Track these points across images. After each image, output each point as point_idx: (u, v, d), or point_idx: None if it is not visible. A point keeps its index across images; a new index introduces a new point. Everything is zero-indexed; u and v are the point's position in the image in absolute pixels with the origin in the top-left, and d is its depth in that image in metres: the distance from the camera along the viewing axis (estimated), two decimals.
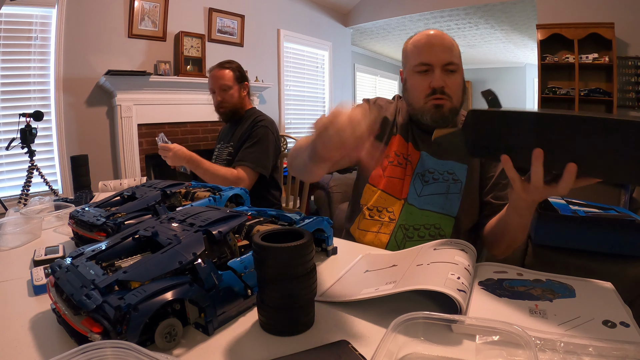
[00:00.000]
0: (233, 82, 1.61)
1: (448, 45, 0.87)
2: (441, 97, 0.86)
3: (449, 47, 0.87)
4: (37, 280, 0.61)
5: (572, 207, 1.64)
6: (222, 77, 1.60)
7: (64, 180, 2.60)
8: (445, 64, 0.86)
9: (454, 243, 0.67)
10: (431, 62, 0.86)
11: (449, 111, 0.88)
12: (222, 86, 1.59)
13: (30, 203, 1.21)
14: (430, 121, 0.88)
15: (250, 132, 1.54)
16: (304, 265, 0.47)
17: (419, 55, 0.87)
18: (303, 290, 0.47)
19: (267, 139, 1.53)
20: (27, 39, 2.44)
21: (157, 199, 0.84)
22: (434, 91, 0.86)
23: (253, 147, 1.51)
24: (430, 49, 0.86)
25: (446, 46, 0.86)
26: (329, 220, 0.75)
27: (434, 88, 0.86)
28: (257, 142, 1.51)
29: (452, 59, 0.86)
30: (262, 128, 1.53)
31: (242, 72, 1.66)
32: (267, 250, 0.45)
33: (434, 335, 0.44)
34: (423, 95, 0.88)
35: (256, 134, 1.52)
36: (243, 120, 1.63)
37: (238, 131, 1.60)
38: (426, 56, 0.86)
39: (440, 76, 0.85)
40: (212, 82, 1.62)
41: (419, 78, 0.88)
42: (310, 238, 0.47)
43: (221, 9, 3.47)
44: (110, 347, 0.36)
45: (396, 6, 4.61)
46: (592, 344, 0.41)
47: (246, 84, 1.67)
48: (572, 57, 3.39)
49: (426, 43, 0.88)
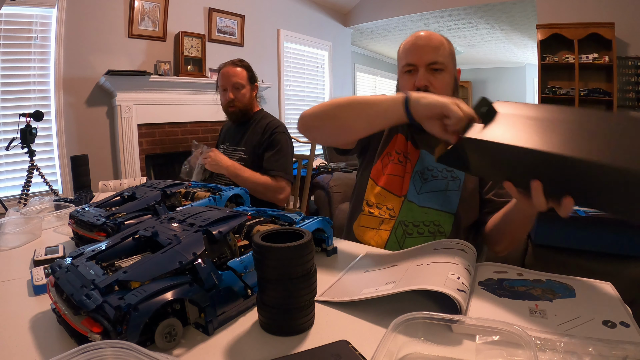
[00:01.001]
0: (246, 81, 1.58)
1: (435, 45, 0.89)
2: None
3: (436, 46, 0.89)
4: (37, 280, 0.61)
5: None
6: (236, 75, 1.56)
7: (64, 180, 2.60)
8: (429, 63, 0.88)
9: (454, 243, 0.67)
10: (415, 62, 0.89)
11: None
12: (235, 84, 1.56)
13: (30, 203, 1.21)
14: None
15: (270, 140, 1.50)
16: (304, 265, 0.47)
17: (406, 57, 0.91)
18: (303, 290, 0.47)
19: (287, 145, 1.52)
20: (27, 39, 2.44)
21: (157, 199, 0.84)
22: (417, 90, 0.88)
23: (278, 155, 1.48)
24: (416, 49, 0.90)
25: (433, 46, 0.89)
26: (329, 220, 0.75)
27: (417, 87, 0.88)
28: (280, 150, 1.49)
29: (437, 59, 0.89)
30: (281, 134, 1.51)
31: (253, 73, 1.64)
32: (267, 250, 0.45)
33: (434, 335, 0.44)
34: None
35: (277, 141, 1.50)
36: (252, 122, 1.59)
37: (250, 135, 1.56)
38: (411, 57, 0.90)
39: (424, 75, 0.88)
40: (224, 80, 1.57)
41: (406, 78, 0.92)
42: (310, 238, 0.47)
43: (221, 9, 3.47)
44: (110, 347, 0.36)
45: (396, 6, 4.61)
46: (592, 344, 0.41)
47: (256, 85, 1.65)
48: (572, 57, 3.39)
49: (412, 44, 0.91)
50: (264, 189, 1.42)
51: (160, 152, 3.03)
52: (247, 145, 1.54)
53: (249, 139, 1.55)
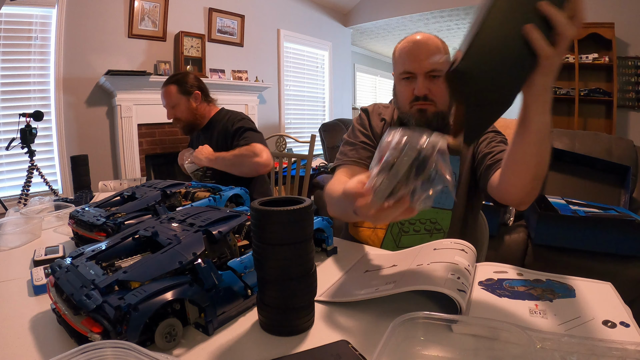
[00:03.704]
0: (178, 97, 1.58)
1: (433, 51, 0.88)
2: (424, 103, 0.88)
3: (434, 52, 0.88)
4: (37, 280, 0.61)
5: (572, 207, 1.64)
6: (167, 95, 1.58)
7: (64, 180, 2.60)
8: (428, 71, 0.87)
9: (454, 243, 0.67)
10: (414, 71, 0.88)
11: (433, 115, 0.89)
12: (168, 104, 1.58)
13: (30, 203, 1.21)
14: (416, 125, 0.90)
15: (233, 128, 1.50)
16: (304, 265, 0.47)
17: (403, 64, 0.89)
18: (303, 290, 0.47)
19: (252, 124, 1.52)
20: (27, 39, 2.44)
21: (157, 199, 0.84)
22: (416, 98, 0.88)
23: (246, 133, 1.48)
24: (414, 57, 0.88)
25: (431, 52, 0.87)
26: (329, 220, 0.75)
27: (416, 96, 0.88)
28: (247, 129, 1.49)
29: (435, 66, 0.87)
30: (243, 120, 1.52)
31: (185, 84, 1.60)
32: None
33: (434, 335, 0.44)
34: (408, 101, 0.90)
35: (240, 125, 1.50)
36: (215, 124, 1.59)
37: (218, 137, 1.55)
38: (409, 64, 0.88)
39: (423, 84, 0.87)
40: (163, 102, 1.61)
41: (404, 85, 0.91)
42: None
43: (221, 9, 3.47)
44: (110, 347, 0.36)
45: (396, 6, 4.61)
46: (592, 344, 0.41)
47: (197, 93, 1.60)
48: (572, 57, 3.39)
49: (409, 51, 0.89)
50: (240, 159, 1.40)
51: (160, 152, 3.03)
52: (218, 147, 1.54)
53: (218, 140, 1.56)
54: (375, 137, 1.00)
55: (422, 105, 0.88)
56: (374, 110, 1.05)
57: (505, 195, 0.74)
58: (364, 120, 1.03)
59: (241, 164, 1.41)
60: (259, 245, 0.46)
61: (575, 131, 2.35)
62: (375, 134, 1.00)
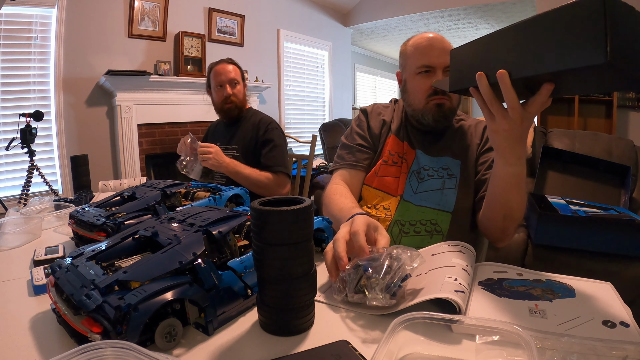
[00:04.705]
0: (240, 79, 1.61)
1: (448, 48, 0.90)
2: (442, 97, 0.90)
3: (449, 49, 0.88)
4: (37, 280, 0.61)
5: (572, 207, 1.64)
6: (232, 71, 1.58)
7: (64, 180, 2.60)
8: (446, 66, 0.89)
9: (452, 245, 0.67)
10: (433, 64, 0.89)
11: (449, 110, 0.92)
12: (232, 80, 1.57)
13: (30, 203, 1.21)
14: (432, 120, 0.92)
15: (265, 137, 1.51)
16: (304, 265, 0.47)
17: (421, 57, 0.91)
18: (303, 290, 0.47)
19: (282, 140, 1.54)
20: (27, 39, 2.44)
21: (157, 199, 0.84)
22: (435, 92, 0.90)
23: (276, 151, 1.50)
24: (432, 51, 0.90)
25: (446, 49, 0.89)
26: (329, 220, 0.75)
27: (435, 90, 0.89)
28: (277, 146, 1.51)
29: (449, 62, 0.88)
30: (275, 130, 1.53)
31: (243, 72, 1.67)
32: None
33: (434, 335, 0.44)
34: (425, 95, 0.91)
35: (272, 137, 1.51)
36: (242, 120, 1.60)
37: (242, 133, 1.57)
38: (428, 58, 0.90)
39: (443, 77, 0.89)
40: (220, 76, 1.57)
41: (420, 79, 0.91)
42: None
43: (221, 9, 3.47)
44: (110, 347, 0.36)
45: (396, 6, 4.61)
46: (592, 344, 0.41)
47: (246, 84, 1.67)
48: None
49: (427, 45, 0.91)
50: (266, 185, 1.43)
51: (160, 152, 3.03)
52: (239, 143, 1.55)
53: (241, 136, 1.56)
54: (372, 138, 1.01)
55: (440, 100, 0.90)
56: (374, 110, 1.05)
57: (483, 229, 0.85)
58: (362, 122, 1.03)
59: (264, 189, 1.44)
60: (259, 245, 0.46)
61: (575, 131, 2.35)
62: (372, 135, 1.01)
